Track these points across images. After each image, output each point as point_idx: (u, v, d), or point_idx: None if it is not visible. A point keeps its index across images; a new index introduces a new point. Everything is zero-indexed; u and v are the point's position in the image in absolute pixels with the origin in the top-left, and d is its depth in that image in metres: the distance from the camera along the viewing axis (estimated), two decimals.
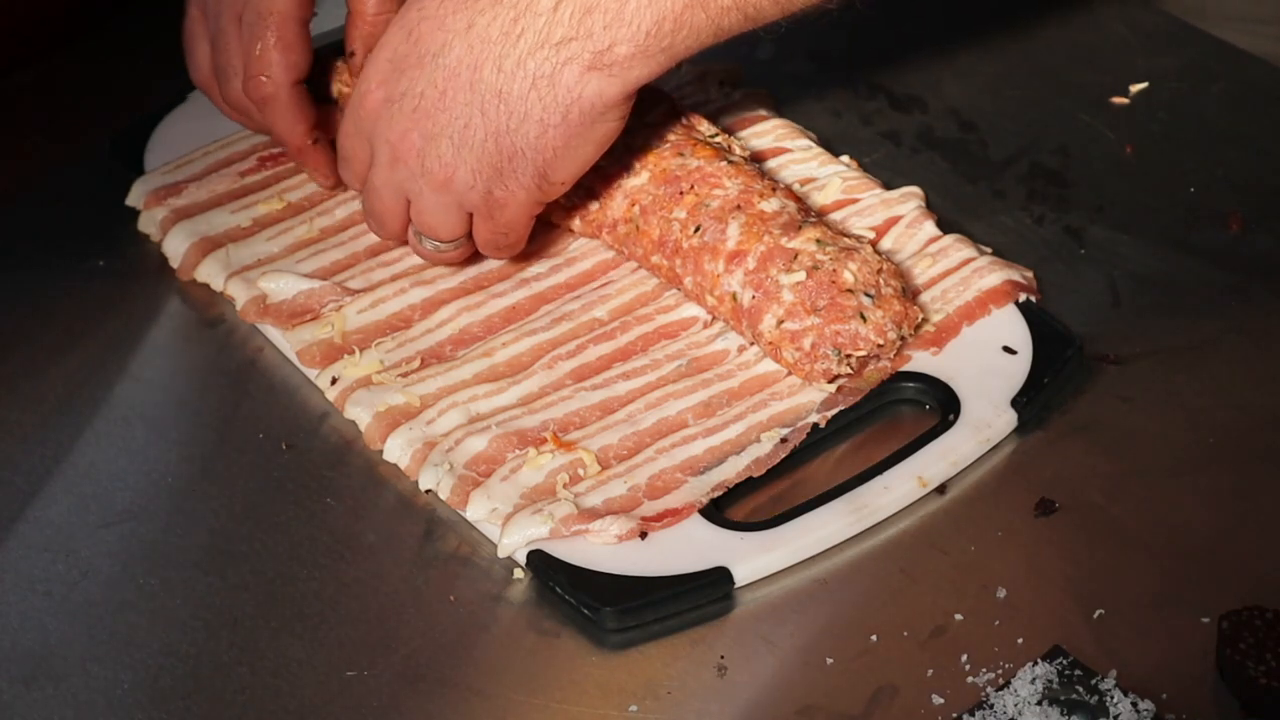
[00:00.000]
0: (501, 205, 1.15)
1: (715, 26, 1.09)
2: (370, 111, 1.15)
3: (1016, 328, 1.18)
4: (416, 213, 1.17)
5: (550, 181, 1.14)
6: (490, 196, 1.14)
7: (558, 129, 1.11)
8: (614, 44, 1.08)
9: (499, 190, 1.14)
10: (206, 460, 1.15)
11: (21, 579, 1.08)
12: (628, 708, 1.01)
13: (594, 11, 1.08)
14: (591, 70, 1.09)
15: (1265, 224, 1.27)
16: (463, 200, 1.15)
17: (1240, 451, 1.12)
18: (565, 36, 1.09)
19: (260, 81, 1.23)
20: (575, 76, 1.09)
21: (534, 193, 1.14)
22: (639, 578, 1.06)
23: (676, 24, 1.08)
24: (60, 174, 1.35)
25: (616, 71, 1.09)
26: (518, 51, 1.10)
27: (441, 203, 1.15)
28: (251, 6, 1.23)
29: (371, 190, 1.17)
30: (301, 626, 1.05)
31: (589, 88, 1.10)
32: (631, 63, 1.09)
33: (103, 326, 1.24)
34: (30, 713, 1.01)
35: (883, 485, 1.10)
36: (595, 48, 1.09)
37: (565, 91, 1.10)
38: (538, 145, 1.11)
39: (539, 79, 1.10)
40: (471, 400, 1.15)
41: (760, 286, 1.15)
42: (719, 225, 1.17)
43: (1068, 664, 0.99)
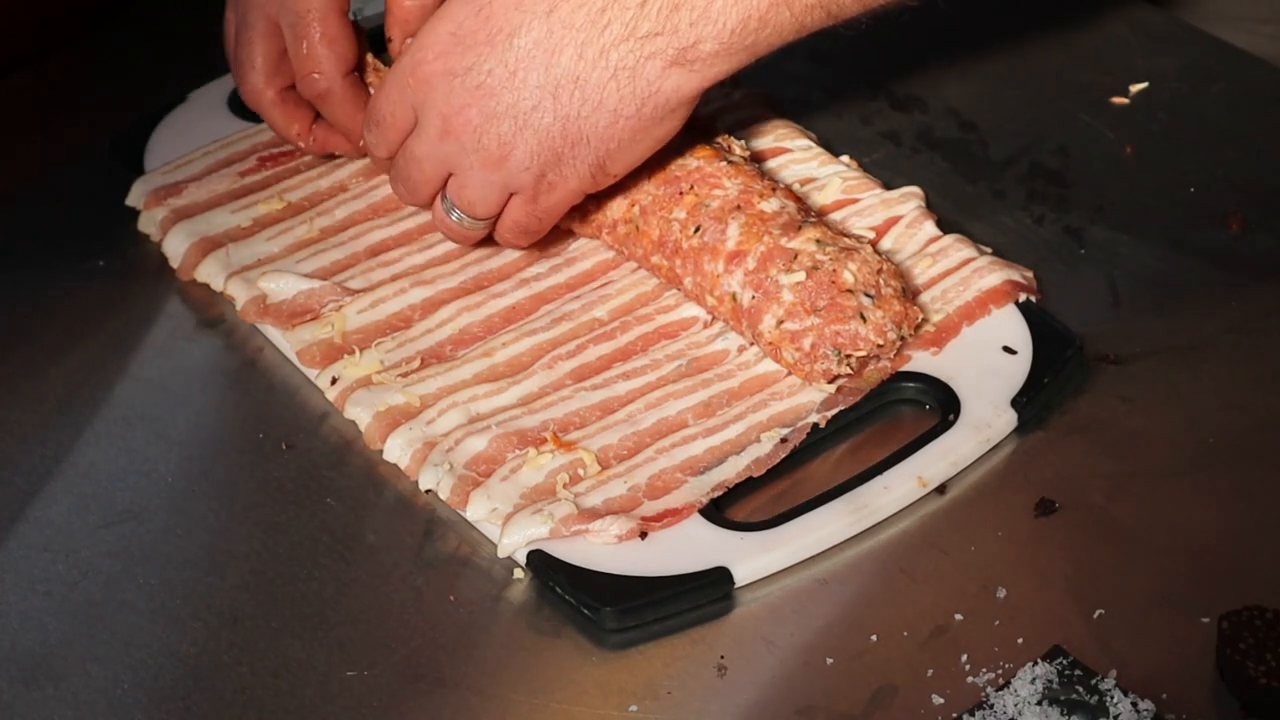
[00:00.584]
0: (550, 189, 1.15)
1: (798, 24, 1.10)
2: (423, 80, 1.14)
3: (1016, 328, 1.18)
4: (458, 187, 1.16)
5: (605, 172, 1.14)
6: (542, 179, 1.14)
7: (629, 120, 1.11)
8: (699, 41, 1.09)
9: (553, 174, 1.13)
10: (206, 460, 1.15)
11: (21, 579, 1.08)
12: (628, 708, 1.01)
13: (681, 8, 1.08)
14: (674, 65, 1.10)
15: (1265, 224, 1.27)
16: (511, 181, 1.14)
17: (1240, 451, 1.12)
18: (651, 31, 1.09)
19: (313, 79, 1.23)
20: (657, 71, 1.10)
21: (586, 181, 1.14)
22: (639, 578, 1.06)
23: (761, 22, 1.09)
24: (60, 174, 1.35)
25: (699, 68, 1.10)
26: (602, 41, 1.10)
27: (488, 180, 1.15)
28: (288, 7, 1.23)
29: (410, 158, 1.17)
30: (301, 626, 1.05)
31: (669, 82, 1.10)
32: (715, 59, 1.10)
33: (103, 326, 1.24)
34: (30, 713, 1.01)
35: (883, 485, 1.10)
36: (680, 44, 1.09)
37: (645, 84, 1.10)
38: (605, 135, 1.11)
39: (620, 70, 1.10)
40: (471, 400, 1.15)
41: (760, 287, 1.15)
42: (719, 225, 1.17)
43: (1068, 664, 0.99)
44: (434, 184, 1.17)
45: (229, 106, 1.37)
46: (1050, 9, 1.45)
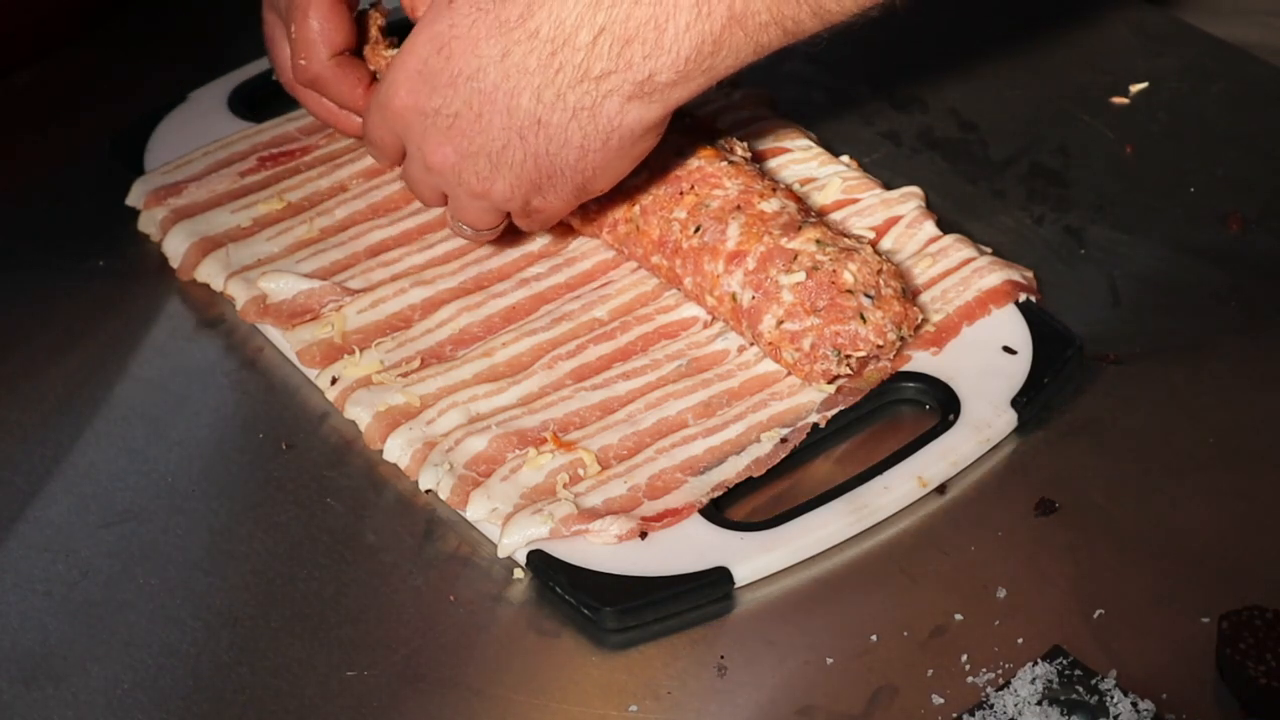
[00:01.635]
0: (539, 210, 1.16)
1: (754, 44, 1.09)
2: (397, 114, 1.14)
3: (1016, 328, 1.18)
4: (454, 209, 1.17)
5: (590, 191, 1.15)
6: (528, 204, 1.15)
7: (598, 153, 1.11)
8: (654, 73, 1.08)
9: (537, 200, 1.14)
10: (206, 460, 1.15)
11: (21, 579, 1.08)
12: (628, 708, 1.01)
13: (633, 43, 1.07)
14: (632, 100, 1.09)
15: (1265, 224, 1.27)
16: (500, 206, 1.16)
17: (1240, 451, 1.12)
18: (605, 70, 1.08)
19: (300, 65, 1.23)
20: (616, 107, 1.09)
21: (572, 200, 1.15)
22: (639, 578, 1.06)
23: (716, 45, 1.08)
24: (60, 174, 1.35)
25: (657, 98, 1.09)
26: (556, 85, 1.09)
27: (479, 205, 1.16)
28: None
29: (409, 179, 1.18)
30: (301, 626, 1.05)
31: (630, 115, 1.10)
32: (672, 88, 1.09)
33: (103, 326, 1.24)
34: (30, 713, 1.02)
35: (883, 485, 1.10)
36: (636, 78, 1.08)
37: (606, 121, 1.10)
38: (577, 166, 1.12)
39: (579, 110, 1.09)
40: (471, 400, 1.15)
41: (760, 287, 1.15)
42: (719, 225, 1.17)
43: (1068, 664, 0.99)
44: (435, 199, 1.19)
45: (229, 106, 1.37)
46: (1050, 9, 1.45)
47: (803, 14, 1.08)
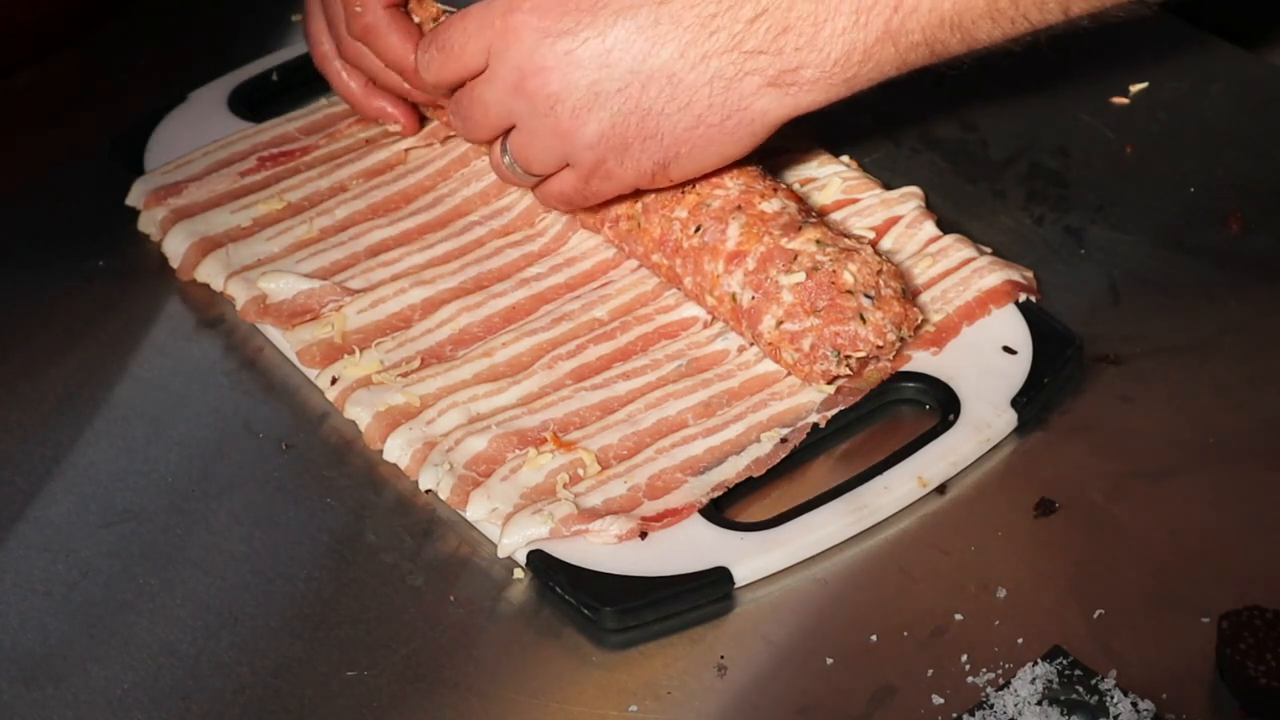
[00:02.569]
0: (606, 176, 1.14)
1: (901, 60, 1.11)
2: (511, 27, 1.12)
3: (1016, 328, 1.18)
4: (519, 143, 1.15)
5: (665, 174, 1.14)
6: (601, 165, 1.13)
7: (710, 129, 1.11)
8: (802, 66, 1.09)
9: (613, 162, 1.13)
10: (206, 460, 1.15)
11: (21, 579, 1.08)
12: (628, 708, 1.01)
13: (789, 32, 1.09)
14: (771, 86, 1.10)
15: (1265, 224, 1.27)
16: (572, 155, 1.14)
17: (1240, 451, 1.12)
18: (757, 48, 1.09)
19: (355, 14, 1.23)
20: (753, 88, 1.10)
21: (644, 177, 1.14)
22: (639, 578, 1.06)
23: (865, 56, 1.10)
24: (60, 174, 1.35)
25: (793, 93, 1.10)
26: (705, 46, 1.09)
27: (549, 146, 1.14)
28: None
29: (475, 100, 1.16)
30: (301, 626, 1.05)
31: (760, 101, 1.10)
32: (812, 87, 1.10)
33: (103, 326, 1.24)
34: (30, 713, 1.01)
35: (883, 485, 1.10)
36: (783, 66, 1.09)
37: (738, 98, 1.10)
38: (681, 137, 1.11)
39: (718, 78, 1.10)
40: (471, 400, 1.15)
41: (760, 287, 1.15)
42: (719, 225, 1.17)
43: (1068, 664, 0.99)
44: (495, 130, 1.17)
45: (229, 106, 1.37)
46: None
47: (953, 41, 1.10)
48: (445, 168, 1.31)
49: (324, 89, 1.39)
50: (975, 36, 1.11)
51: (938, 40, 1.10)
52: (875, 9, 1.09)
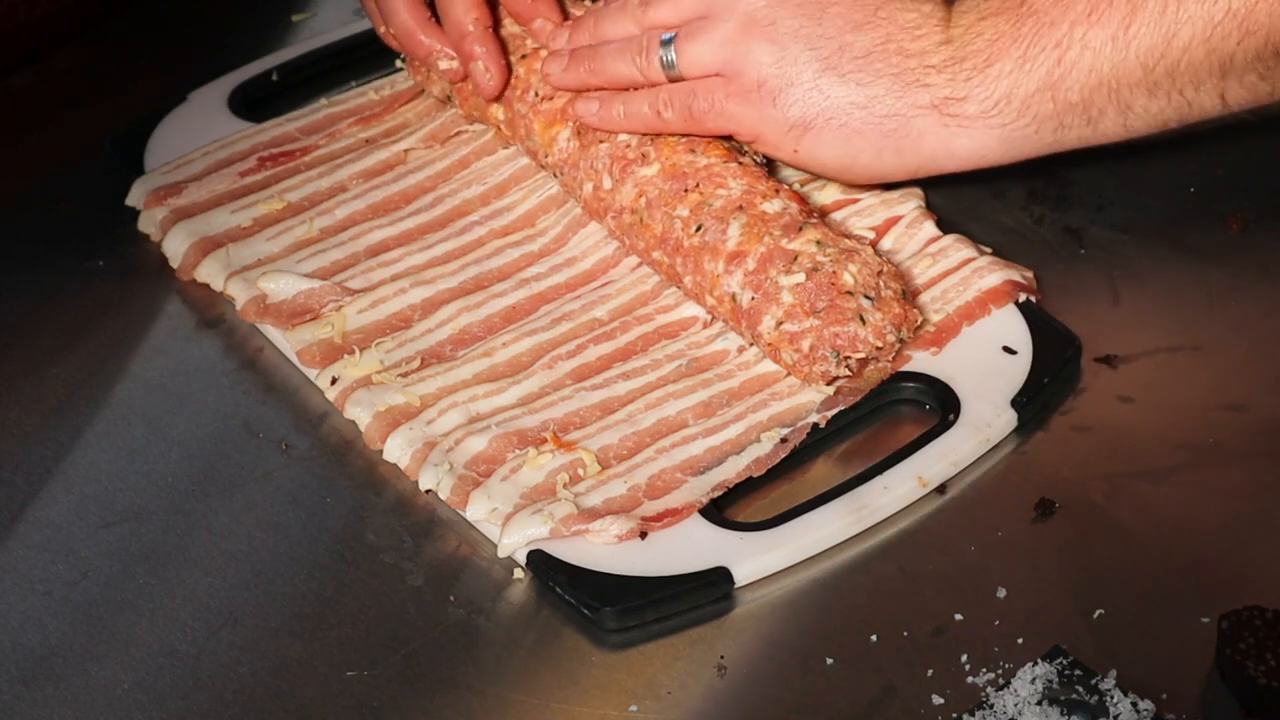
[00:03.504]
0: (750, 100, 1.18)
1: (1057, 123, 1.16)
2: None
3: (1016, 328, 1.18)
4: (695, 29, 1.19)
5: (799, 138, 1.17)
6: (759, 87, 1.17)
7: (868, 119, 1.16)
8: (967, 99, 1.15)
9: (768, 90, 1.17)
10: (206, 460, 1.15)
11: (21, 579, 1.08)
12: (628, 708, 1.01)
13: (964, 62, 1.16)
14: (935, 109, 1.16)
15: (1265, 224, 1.27)
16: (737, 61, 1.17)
17: (1240, 451, 1.12)
18: (938, 66, 1.16)
19: None
20: (923, 102, 1.16)
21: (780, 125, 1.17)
22: (639, 578, 1.06)
23: (1024, 105, 1.16)
24: (60, 174, 1.35)
25: (951, 126, 1.16)
26: (905, 45, 1.16)
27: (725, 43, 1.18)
28: None
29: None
30: (301, 626, 1.05)
31: (921, 120, 1.16)
32: (970, 125, 1.16)
33: (103, 326, 1.24)
34: (30, 713, 1.02)
35: (883, 485, 1.10)
36: (951, 93, 1.16)
37: (907, 105, 1.16)
38: (841, 108, 1.16)
39: (900, 78, 1.16)
40: (471, 400, 1.15)
41: (760, 288, 1.15)
42: (720, 225, 1.17)
43: (1068, 664, 0.99)
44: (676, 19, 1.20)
45: (229, 106, 1.37)
46: None
47: (1109, 109, 1.16)
48: (446, 169, 1.31)
49: (324, 89, 1.39)
50: (1130, 107, 1.15)
51: (1094, 104, 1.15)
52: (1039, 58, 1.15)
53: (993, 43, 1.16)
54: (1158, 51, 1.13)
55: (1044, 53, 1.15)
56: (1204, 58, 1.13)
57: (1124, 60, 1.14)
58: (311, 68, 1.41)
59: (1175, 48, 1.13)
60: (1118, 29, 1.14)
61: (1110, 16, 1.14)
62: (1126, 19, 1.13)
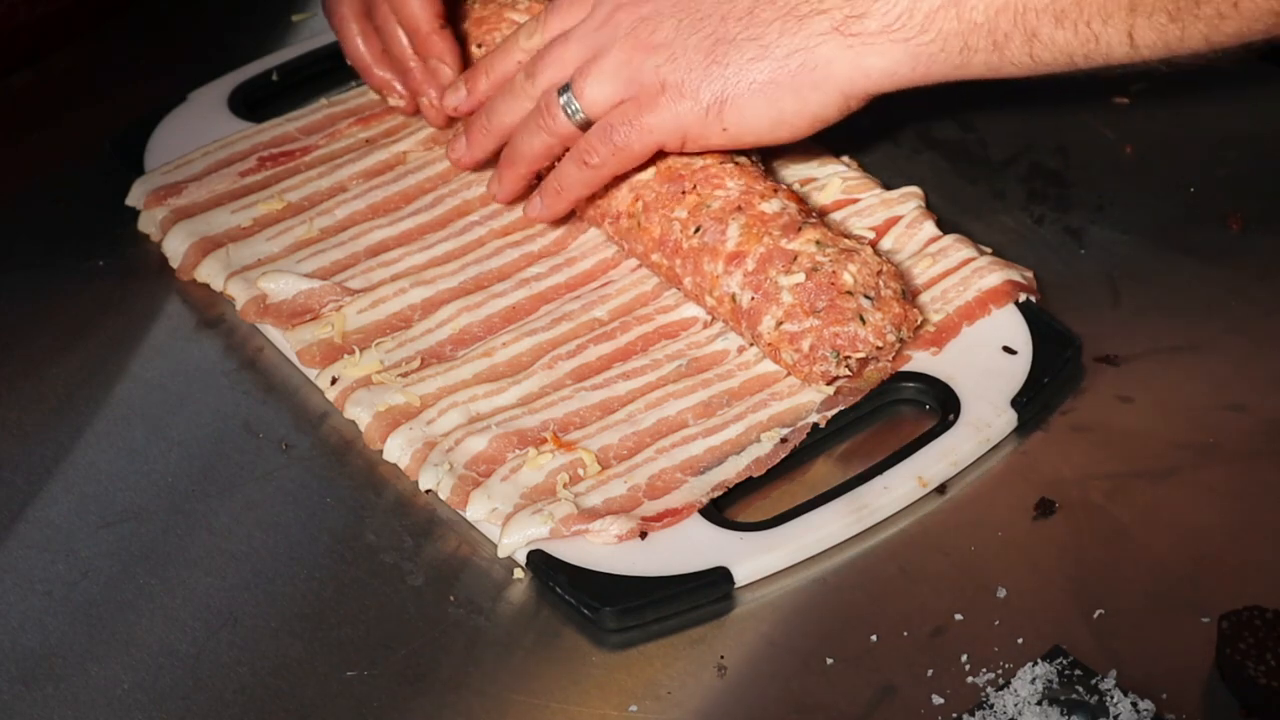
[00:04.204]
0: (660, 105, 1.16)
1: (963, 42, 1.13)
2: None
3: (1016, 328, 1.18)
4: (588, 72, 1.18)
5: (721, 114, 1.16)
6: (664, 90, 1.16)
7: (774, 65, 1.15)
8: (866, 15, 1.13)
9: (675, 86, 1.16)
10: (206, 460, 1.15)
11: (21, 579, 1.08)
12: (628, 708, 1.01)
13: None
14: (836, 32, 1.14)
15: (1265, 224, 1.27)
16: (639, 75, 1.16)
17: (1240, 451, 1.12)
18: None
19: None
20: (822, 29, 1.14)
21: (699, 113, 1.16)
22: (639, 578, 1.06)
23: (927, 19, 1.13)
24: (60, 174, 1.35)
25: (856, 46, 1.13)
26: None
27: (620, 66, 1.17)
28: None
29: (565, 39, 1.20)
30: (301, 626, 1.05)
31: (825, 47, 1.14)
32: (874, 42, 1.13)
33: (103, 326, 1.24)
34: (30, 713, 1.01)
35: (883, 485, 1.10)
36: (849, 11, 1.14)
37: (804, 37, 1.14)
38: (746, 68, 1.15)
39: (791, 14, 1.15)
40: (471, 400, 1.15)
41: (759, 288, 1.15)
42: (719, 226, 1.17)
43: (1068, 664, 0.99)
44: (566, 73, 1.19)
45: (229, 106, 1.37)
46: None
47: (1015, 35, 1.12)
48: (446, 170, 1.31)
49: (324, 89, 1.39)
50: (1037, 34, 1.12)
51: (999, 27, 1.12)
52: None
53: None
54: None
55: None
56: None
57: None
58: (311, 68, 1.41)
59: None
60: None
61: None
62: None
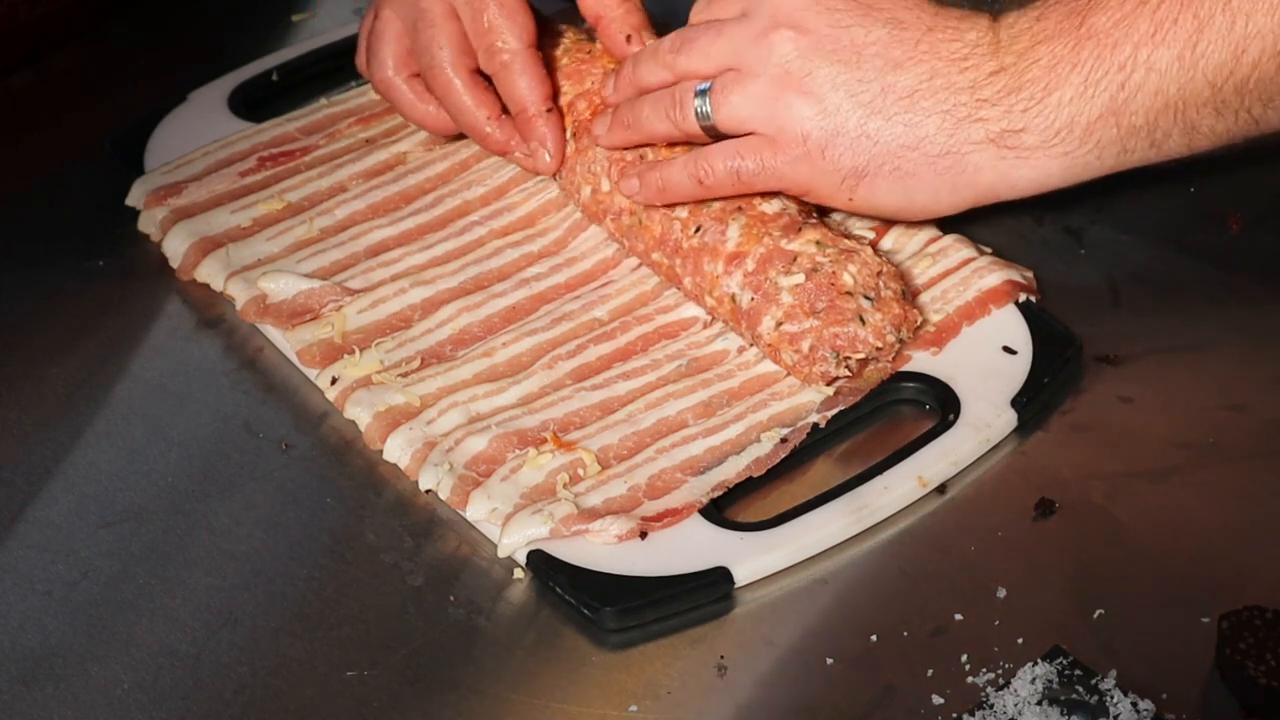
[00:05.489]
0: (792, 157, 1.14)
1: (1120, 147, 1.12)
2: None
3: (1016, 328, 1.18)
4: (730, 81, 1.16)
5: (854, 188, 1.14)
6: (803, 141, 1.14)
7: (922, 160, 1.13)
8: (1025, 130, 1.12)
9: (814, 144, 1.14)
10: (206, 460, 1.15)
11: (21, 579, 1.08)
12: (628, 708, 1.01)
13: (1020, 93, 1.12)
14: (992, 143, 1.13)
15: (1265, 224, 1.27)
16: (779, 116, 1.14)
17: (1240, 451, 1.12)
18: (990, 99, 1.12)
19: (496, 48, 1.23)
20: (978, 137, 1.13)
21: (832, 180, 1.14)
22: (639, 578, 1.06)
23: (1086, 132, 1.12)
24: (60, 174, 1.35)
25: (1010, 158, 1.13)
26: (952, 79, 1.13)
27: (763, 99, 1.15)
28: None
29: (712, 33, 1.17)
30: (301, 626, 1.05)
31: (978, 155, 1.13)
32: (1030, 156, 1.13)
33: (103, 326, 1.24)
34: (30, 713, 1.02)
35: (883, 485, 1.10)
36: (1008, 125, 1.12)
37: (960, 142, 1.13)
38: (893, 152, 1.13)
39: (950, 114, 1.13)
40: (471, 400, 1.15)
41: (759, 288, 1.15)
42: (719, 226, 1.17)
43: (1068, 664, 0.99)
44: (708, 68, 1.17)
45: (229, 106, 1.37)
46: None
47: (1174, 131, 1.12)
48: (445, 171, 1.31)
49: (324, 89, 1.39)
50: (1197, 128, 1.12)
51: (1159, 127, 1.11)
52: (1102, 83, 1.11)
53: (1050, 69, 1.12)
54: (1226, 69, 1.09)
55: (1106, 77, 1.11)
56: (1275, 73, 1.09)
57: (1191, 81, 1.10)
58: (311, 68, 1.42)
59: (1244, 64, 1.09)
60: (1184, 48, 1.09)
61: (1176, 35, 1.09)
62: (1193, 37, 1.09)
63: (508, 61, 1.24)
